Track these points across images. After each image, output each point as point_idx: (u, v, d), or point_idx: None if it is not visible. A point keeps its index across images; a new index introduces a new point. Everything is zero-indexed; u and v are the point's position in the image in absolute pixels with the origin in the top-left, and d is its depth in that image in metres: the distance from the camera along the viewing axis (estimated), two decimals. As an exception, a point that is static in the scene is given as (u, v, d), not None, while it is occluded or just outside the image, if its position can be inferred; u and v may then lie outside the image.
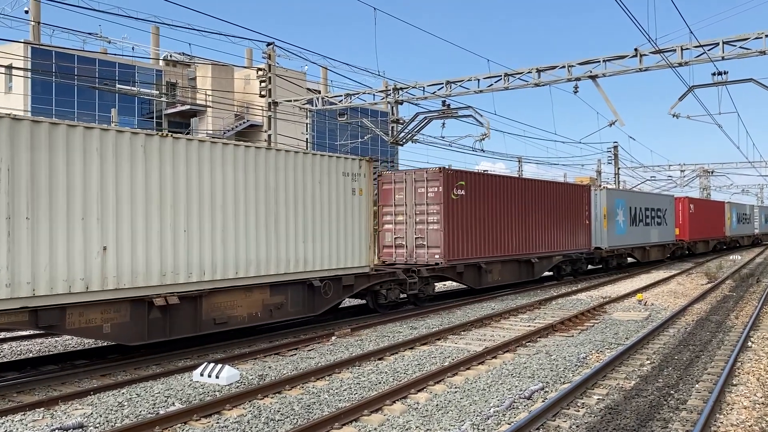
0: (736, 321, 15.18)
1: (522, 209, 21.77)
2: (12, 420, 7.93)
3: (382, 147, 59.29)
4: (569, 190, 25.23)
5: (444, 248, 18.13)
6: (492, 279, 20.46)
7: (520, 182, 22.27)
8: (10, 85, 43.82)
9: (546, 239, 23.18)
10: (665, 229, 35.74)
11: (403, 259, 18.80)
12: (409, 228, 18.83)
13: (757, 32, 17.92)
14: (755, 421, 7.62)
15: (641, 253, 32.50)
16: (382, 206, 19.34)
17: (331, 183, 14.48)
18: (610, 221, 28.42)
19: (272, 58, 23.59)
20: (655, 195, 36.52)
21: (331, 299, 14.47)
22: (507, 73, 21.67)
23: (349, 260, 14.85)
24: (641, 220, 32.19)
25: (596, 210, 27.81)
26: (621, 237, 29.57)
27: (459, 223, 18.70)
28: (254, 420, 7.83)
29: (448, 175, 18.40)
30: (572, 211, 25.06)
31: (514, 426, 7.05)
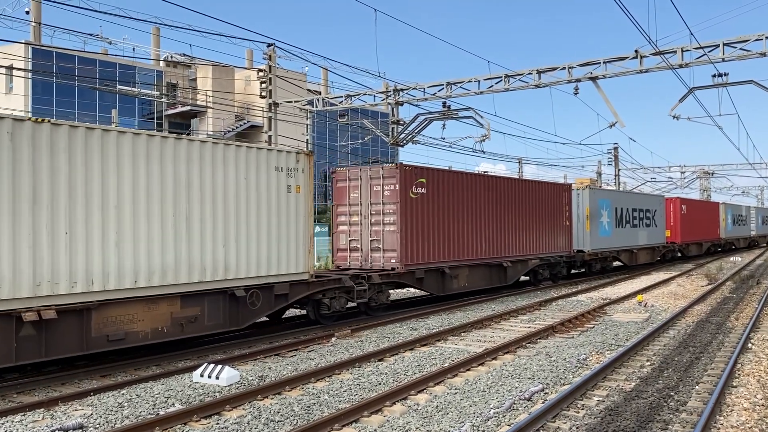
0: (737, 322, 15.18)
1: (493, 209, 20.40)
2: (12, 420, 7.93)
3: (383, 148, 59.31)
4: (547, 190, 23.80)
5: (401, 252, 16.66)
6: (458, 285, 18.85)
7: (491, 180, 20.78)
8: (11, 85, 43.84)
9: (521, 242, 21.83)
10: (655, 231, 34.20)
11: (358, 264, 17.38)
12: (365, 230, 17.34)
13: (757, 34, 17.92)
14: (755, 423, 7.62)
15: (628, 256, 31.06)
16: (337, 206, 17.97)
17: (260, 179, 12.78)
18: (594, 222, 27.05)
19: (273, 59, 23.60)
20: (643, 195, 35.16)
21: (260, 311, 12.80)
22: (507, 74, 21.68)
23: (282, 266, 13.22)
24: (628, 222, 30.71)
25: (578, 210, 26.50)
26: (605, 239, 28.19)
27: (419, 224, 17.25)
28: (254, 421, 7.83)
29: (405, 171, 16.88)
30: (551, 212, 23.68)
31: (514, 427, 7.05)
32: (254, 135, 49.92)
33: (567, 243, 24.83)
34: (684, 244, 38.48)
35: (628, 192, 33.88)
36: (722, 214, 47.51)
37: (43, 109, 42.21)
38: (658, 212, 34.76)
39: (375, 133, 26.48)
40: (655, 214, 34.35)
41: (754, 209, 61.48)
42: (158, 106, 50.29)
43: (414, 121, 24.37)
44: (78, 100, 45.02)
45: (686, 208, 38.48)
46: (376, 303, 16.27)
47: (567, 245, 24.84)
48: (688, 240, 39.08)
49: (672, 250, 37.65)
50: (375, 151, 60.55)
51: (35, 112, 40.65)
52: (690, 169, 60.28)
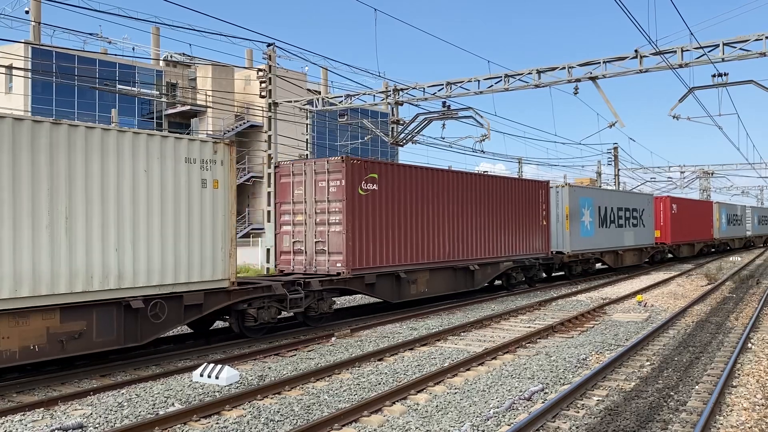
0: (736, 322, 15.18)
1: (459, 207, 18.79)
2: (12, 420, 7.93)
3: (383, 148, 59.33)
4: (522, 187, 22.27)
5: (347, 255, 15.04)
6: (417, 291, 17.17)
7: (457, 176, 19.02)
8: (11, 85, 43.84)
9: (491, 243, 20.23)
10: (642, 231, 32.69)
11: (302, 268, 15.86)
12: (309, 230, 15.76)
13: (757, 34, 17.93)
14: (755, 423, 7.62)
15: (613, 258, 29.54)
16: (280, 204, 16.43)
17: (165, 172, 11.08)
18: (574, 222, 25.51)
19: (272, 59, 23.60)
20: (629, 194, 33.57)
21: (166, 324, 11.09)
22: (507, 74, 21.68)
23: (195, 272, 11.50)
24: (613, 221, 29.20)
25: (558, 209, 25.11)
26: (587, 240, 26.65)
27: (370, 224, 15.66)
28: (254, 421, 7.83)
29: (353, 165, 15.29)
30: (525, 211, 22.16)
31: (513, 427, 7.05)
32: (254, 135, 49.95)
33: (544, 244, 23.31)
34: (674, 244, 36.92)
35: (612, 190, 31.87)
36: (716, 214, 46.01)
37: (43, 108, 42.21)
38: (646, 212, 33.28)
39: (375, 133, 26.48)
40: (643, 213, 32.90)
41: (750, 209, 59.72)
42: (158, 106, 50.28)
43: (414, 121, 24.38)
44: (78, 99, 45.01)
45: (677, 208, 36.98)
46: (316, 312, 14.54)
47: (544, 246, 23.32)
48: (679, 240, 37.53)
49: (661, 251, 36.09)
50: (375, 151, 60.56)
51: (35, 112, 40.65)
52: (690, 169, 60.34)
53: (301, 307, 13.91)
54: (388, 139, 24.98)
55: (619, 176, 49.82)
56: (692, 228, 39.83)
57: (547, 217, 23.37)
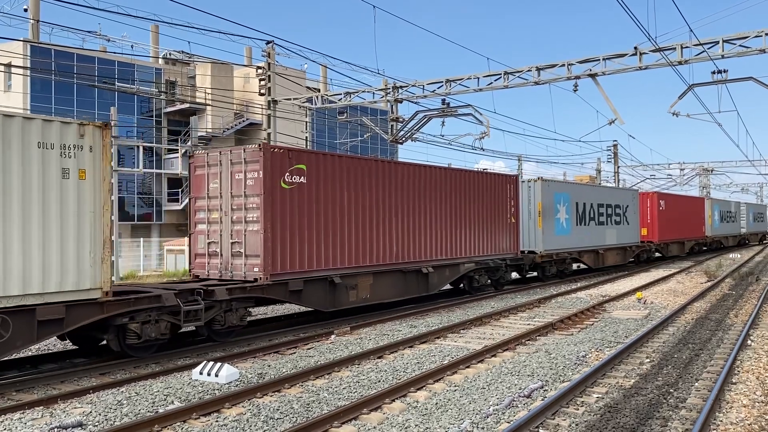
0: (736, 319, 15.19)
1: (411, 204, 16.99)
2: (11, 418, 7.93)
3: (382, 145, 59.29)
4: (486, 181, 20.25)
5: (266, 258, 13.03)
6: (357, 298, 15.21)
7: (409, 169, 17.10)
8: (10, 83, 43.81)
9: (449, 242, 18.31)
10: (626, 229, 30.86)
11: (218, 273, 13.96)
12: (225, 229, 13.83)
13: (756, 31, 17.91)
14: (755, 420, 7.62)
15: (593, 258, 27.56)
16: (195, 199, 14.54)
17: (7, 158, 9.18)
18: (548, 219, 23.77)
19: (272, 57, 23.57)
20: (612, 189, 31.74)
21: (10, 344, 9.17)
22: (507, 71, 21.66)
23: (52, 281, 9.57)
24: (593, 219, 27.31)
25: (530, 206, 23.47)
26: (563, 238, 24.85)
27: (296, 222, 13.76)
28: (253, 419, 7.83)
29: (273, 155, 13.39)
30: (491, 207, 20.25)
31: (513, 424, 7.05)
32: (254, 133, 49.90)
33: (512, 243, 21.37)
34: (662, 243, 35.13)
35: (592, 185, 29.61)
36: (708, 210, 44.23)
37: (42, 106, 42.17)
38: (630, 208, 31.47)
39: (374, 131, 26.46)
40: (627, 210, 31.04)
41: (745, 205, 57.70)
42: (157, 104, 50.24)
43: (413, 119, 24.38)
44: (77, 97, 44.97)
45: (665, 204, 35.19)
46: (222, 326, 12.43)
47: (512, 246, 21.38)
48: (668, 239, 35.71)
49: (647, 250, 34.32)
50: (375, 148, 60.53)
51: (34, 110, 40.62)
52: (689, 166, 60.34)
53: (201, 320, 11.94)
54: (387, 136, 24.97)
55: (618, 173, 49.81)
56: (682, 225, 38.25)
57: (516, 214, 21.51)
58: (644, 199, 34.07)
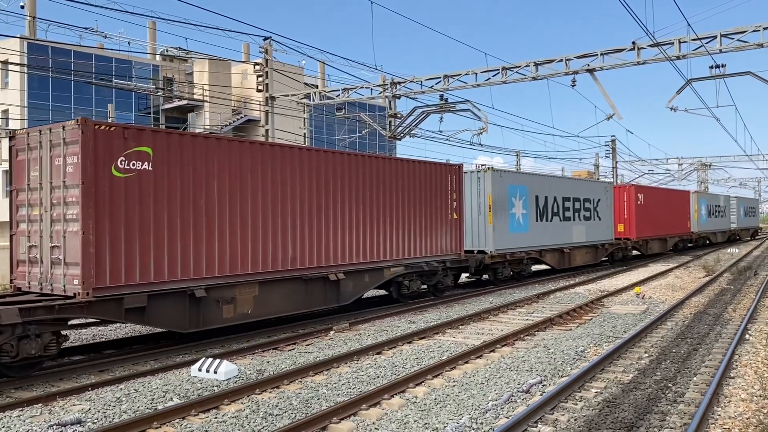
0: (734, 314, 15.21)
1: (315, 198, 14.11)
2: (10, 416, 7.92)
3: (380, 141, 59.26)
4: (418, 171, 17.30)
5: (87, 266, 10.00)
6: (234, 314, 12.32)
7: (309, 155, 14.16)
8: (7, 80, 43.70)
9: (367, 243, 15.53)
10: (597, 225, 27.96)
11: (38, 285, 10.73)
12: (45, 230, 10.66)
13: (754, 25, 17.89)
14: (753, 414, 7.64)
15: (557, 257, 24.79)
16: (17, 191, 11.27)
17: None
18: (501, 215, 21.22)
19: (269, 53, 23.52)
20: (580, 181, 28.78)
21: None
22: (505, 66, 21.64)
23: None
24: (556, 214, 24.60)
25: (479, 199, 20.93)
26: (520, 236, 22.29)
27: (134, 219, 10.68)
28: (252, 415, 7.83)
29: (98, 134, 10.27)
30: (425, 201, 17.39)
31: (512, 420, 7.06)
32: (252, 129, 49.83)
33: (454, 242, 18.45)
34: (641, 240, 32.35)
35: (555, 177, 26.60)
36: (694, 205, 41.49)
37: (39, 104, 42.08)
38: (602, 202, 28.63)
39: (372, 127, 26.43)
40: (599, 204, 28.22)
41: (736, 199, 54.89)
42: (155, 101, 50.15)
43: (411, 115, 24.34)
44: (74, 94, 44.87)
45: (644, 198, 32.55)
46: (13, 358, 9.30)
47: (454, 245, 18.47)
48: (647, 235, 33.07)
49: (623, 248, 31.34)
50: (373, 144, 60.51)
51: (31, 108, 40.52)
52: (687, 161, 60.36)
53: None
54: (385, 132, 24.94)
55: (617, 168, 49.83)
56: (664, 221, 35.59)
57: (459, 209, 18.67)
58: (620, 192, 31.71)
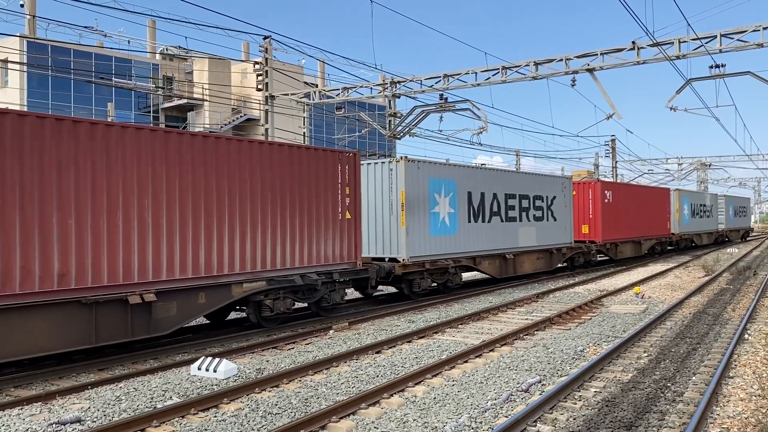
0: (733, 314, 15.22)
1: (103, 185, 10.33)
2: (9, 414, 7.92)
3: (380, 141, 59.28)
4: (289, 158, 13.56)
5: None
6: None
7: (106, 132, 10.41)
8: (6, 79, 43.68)
9: (202, 250, 11.70)
10: (552, 227, 24.29)
11: None
12: None
13: (754, 25, 17.90)
14: (752, 413, 7.65)
15: (497, 265, 21.11)
16: None
17: None
18: (418, 215, 17.52)
19: (269, 52, 23.51)
20: (528, 176, 23.80)
21: None
22: (504, 66, 21.64)
23: None
24: (496, 213, 21.07)
25: (390, 196, 17.20)
26: (445, 240, 18.64)
27: None
28: (252, 414, 7.83)
29: None
30: (302, 196, 13.80)
31: (511, 419, 7.07)
32: (251, 128, 49.84)
33: (346, 249, 14.93)
34: (608, 243, 28.79)
35: (494, 170, 22.18)
36: (675, 204, 38.11)
37: (39, 102, 42.06)
38: (559, 200, 24.93)
39: (372, 126, 26.44)
40: (554, 202, 24.57)
41: (724, 198, 51.07)
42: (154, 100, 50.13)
43: (411, 114, 24.34)
44: (74, 93, 44.85)
45: (612, 196, 29.16)
46: None
47: (347, 252, 14.95)
48: (616, 237, 29.55)
49: (586, 252, 27.43)
50: (372, 143, 60.52)
51: (31, 106, 40.50)
52: (687, 161, 60.37)
53: None
54: (385, 132, 24.95)
55: (616, 168, 49.85)
56: (638, 221, 32.21)
57: (355, 208, 15.22)
58: (584, 189, 28.29)
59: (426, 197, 18.01)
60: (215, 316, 14.52)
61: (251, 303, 13.20)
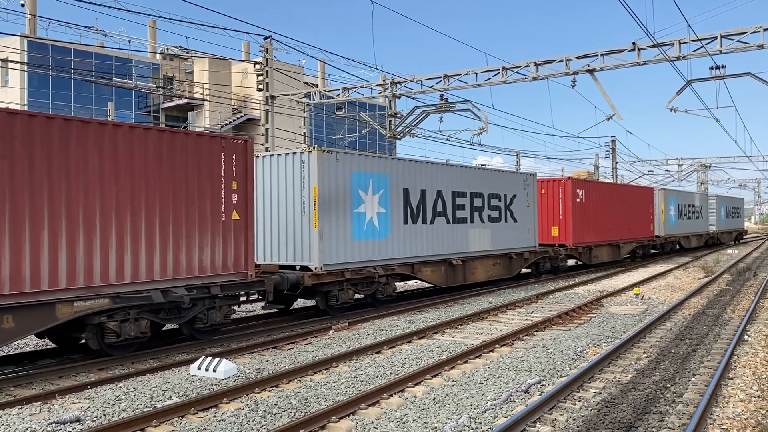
0: (733, 315, 15.22)
1: None
2: (9, 414, 7.93)
3: (380, 141, 59.29)
4: (146, 142, 11.00)
5: None
6: None
7: None
8: (7, 78, 43.69)
9: (15, 261, 9.25)
10: (511, 229, 21.84)
11: None
12: None
13: (755, 26, 17.90)
14: (751, 414, 7.65)
15: (441, 272, 18.37)
16: None
17: None
18: (335, 216, 15.00)
19: (269, 52, 23.52)
20: (481, 171, 21.22)
21: None
22: (505, 66, 21.64)
23: None
24: (441, 214, 18.51)
25: (303, 193, 14.71)
26: (373, 245, 16.04)
27: None
28: (251, 414, 7.84)
29: None
30: (168, 191, 11.26)
31: (511, 419, 7.07)
32: (251, 128, 49.85)
33: (232, 257, 12.25)
34: (580, 246, 26.10)
35: (438, 164, 19.30)
36: (660, 204, 35.69)
37: (39, 102, 42.07)
38: (520, 199, 22.46)
39: (372, 126, 26.44)
40: (514, 201, 22.08)
41: (715, 198, 48.32)
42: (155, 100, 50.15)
43: (411, 114, 24.36)
44: (74, 93, 44.87)
45: (585, 195, 26.51)
46: None
47: (232, 261, 12.26)
48: (591, 240, 26.93)
49: (552, 257, 24.64)
50: (373, 144, 60.52)
51: (31, 106, 40.50)
52: (687, 162, 60.37)
53: None
54: (385, 132, 24.95)
55: (617, 169, 49.85)
56: (616, 223, 29.70)
57: (245, 206, 12.50)
58: (553, 187, 25.80)
59: (347, 195, 15.46)
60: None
61: (89, 326, 10.42)
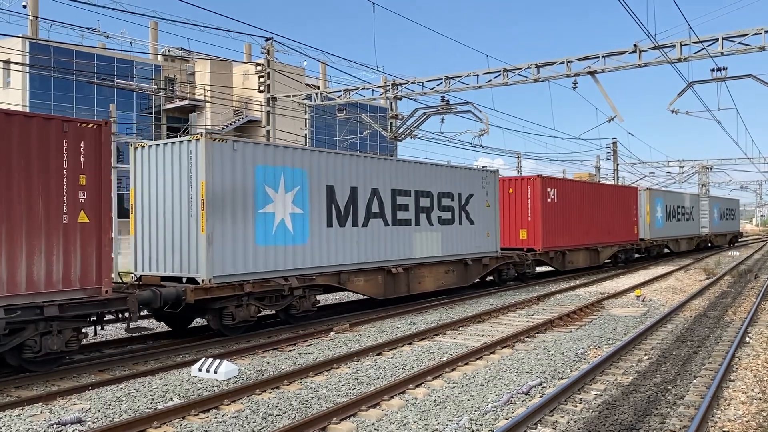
0: (734, 317, 15.21)
1: None
2: (10, 415, 7.93)
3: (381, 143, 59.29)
4: None
5: None
6: None
7: None
8: (8, 80, 43.76)
9: None
10: (467, 232, 19.48)
11: None
12: None
13: (756, 28, 17.89)
14: (752, 417, 7.64)
15: (378, 282, 16.08)
16: None
17: None
18: (232, 217, 12.63)
19: (271, 54, 23.54)
20: (429, 167, 18.40)
21: None
22: (506, 68, 21.65)
23: None
24: (378, 215, 16.26)
25: (190, 190, 12.40)
26: (284, 252, 13.65)
27: None
28: (252, 415, 7.84)
29: None
30: None
31: (512, 421, 7.06)
32: (253, 130, 49.88)
33: (79, 268, 9.85)
34: (551, 251, 23.62)
35: (375, 158, 17.01)
36: (646, 205, 33.27)
37: (41, 103, 42.13)
38: (478, 199, 20.08)
39: (373, 128, 26.46)
40: (470, 201, 19.73)
41: (708, 199, 45.67)
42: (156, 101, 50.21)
43: (413, 116, 24.37)
44: (76, 94, 44.93)
45: (557, 194, 24.17)
46: None
47: (79, 274, 9.85)
48: (563, 244, 24.55)
49: (518, 263, 22.14)
50: (374, 145, 60.54)
51: (33, 107, 40.57)
52: (689, 164, 60.32)
53: None
54: (386, 133, 24.96)
55: (618, 171, 49.82)
56: (595, 225, 27.24)
57: (99, 205, 10.16)
58: (521, 186, 23.39)
59: (250, 192, 13.05)
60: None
61: None
